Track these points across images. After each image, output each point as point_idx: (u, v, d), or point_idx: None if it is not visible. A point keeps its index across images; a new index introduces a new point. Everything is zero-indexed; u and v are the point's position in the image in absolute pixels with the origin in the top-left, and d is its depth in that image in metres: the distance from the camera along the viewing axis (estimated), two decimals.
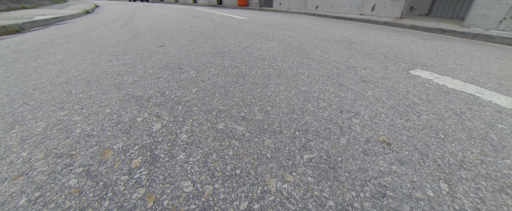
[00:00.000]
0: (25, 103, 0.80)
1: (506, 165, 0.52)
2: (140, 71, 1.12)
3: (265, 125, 0.66)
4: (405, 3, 3.76)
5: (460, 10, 4.03)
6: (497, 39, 2.25)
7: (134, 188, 0.44)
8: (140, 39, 1.95)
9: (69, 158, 0.53)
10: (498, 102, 0.85)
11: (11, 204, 0.41)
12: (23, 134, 0.62)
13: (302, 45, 1.75)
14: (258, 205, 0.41)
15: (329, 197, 0.43)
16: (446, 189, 0.45)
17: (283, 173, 0.48)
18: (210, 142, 0.58)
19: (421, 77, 1.09)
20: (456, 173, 0.49)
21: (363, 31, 2.60)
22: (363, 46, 1.76)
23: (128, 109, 0.75)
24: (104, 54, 1.45)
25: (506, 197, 0.44)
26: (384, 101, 0.82)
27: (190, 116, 0.71)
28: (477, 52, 1.70)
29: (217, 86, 0.95)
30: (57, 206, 0.41)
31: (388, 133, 0.63)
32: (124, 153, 0.54)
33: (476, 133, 0.64)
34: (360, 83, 1.00)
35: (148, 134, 0.61)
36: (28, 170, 0.49)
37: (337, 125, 0.67)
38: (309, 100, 0.82)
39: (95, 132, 0.62)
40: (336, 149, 0.56)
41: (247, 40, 1.93)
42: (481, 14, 2.76)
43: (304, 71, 1.13)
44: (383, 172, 0.49)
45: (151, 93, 0.87)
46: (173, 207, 0.41)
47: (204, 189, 0.44)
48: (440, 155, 0.55)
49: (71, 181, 0.46)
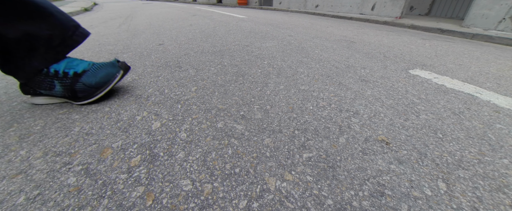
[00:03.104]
0: (23, 101, 0.80)
1: (503, 165, 0.52)
2: (139, 70, 1.12)
3: (264, 124, 0.66)
4: (405, 2, 3.76)
5: (459, 10, 4.03)
6: (496, 40, 2.26)
7: (133, 187, 0.44)
8: (139, 37, 1.94)
9: (68, 156, 0.53)
10: (496, 102, 0.85)
11: (10, 202, 0.41)
12: (22, 133, 0.62)
13: (301, 44, 1.75)
14: (257, 203, 0.41)
15: (328, 196, 0.43)
16: (444, 188, 0.45)
17: (282, 172, 0.48)
18: (210, 140, 0.58)
19: (420, 77, 1.09)
20: (454, 172, 0.50)
21: (362, 31, 2.60)
22: (362, 46, 1.77)
23: (127, 107, 0.75)
24: (103, 53, 1.44)
25: (503, 196, 0.44)
26: (383, 101, 0.83)
27: (190, 114, 0.71)
28: (476, 52, 1.70)
29: (216, 84, 0.94)
30: (56, 205, 0.41)
31: (387, 132, 0.63)
32: (123, 151, 0.54)
33: (474, 133, 0.65)
34: (360, 82, 1.00)
35: (147, 133, 0.61)
36: (26, 169, 0.49)
37: (336, 124, 0.67)
38: (308, 99, 0.82)
39: (94, 131, 0.62)
40: (335, 148, 0.56)
41: (246, 39, 1.92)
42: (480, 14, 2.77)
43: (304, 70, 1.13)
44: (381, 171, 0.49)
45: (150, 92, 0.87)
46: (172, 205, 0.41)
47: (203, 188, 0.44)
48: (438, 154, 0.55)
49: (70, 180, 0.46)
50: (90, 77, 0.75)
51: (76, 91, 0.74)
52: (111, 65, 0.80)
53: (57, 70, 0.72)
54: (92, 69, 0.76)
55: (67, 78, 0.72)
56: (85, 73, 0.75)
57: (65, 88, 0.72)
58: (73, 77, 0.73)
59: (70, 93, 0.73)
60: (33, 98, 0.76)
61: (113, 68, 0.80)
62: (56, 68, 0.72)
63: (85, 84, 0.74)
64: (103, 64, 0.80)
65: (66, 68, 0.74)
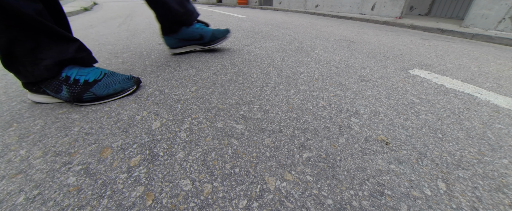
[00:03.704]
0: (23, 101, 0.80)
1: (503, 165, 0.52)
2: (139, 69, 1.12)
3: (264, 124, 0.66)
4: (405, 2, 3.76)
5: (459, 10, 4.03)
6: (496, 40, 2.26)
7: (133, 186, 0.44)
8: (139, 37, 1.94)
9: (68, 156, 0.53)
10: (496, 102, 0.85)
11: (9, 202, 0.41)
12: (21, 132, 0.62)
13: (301, 44, 1.75)
14: (257, 203, 0.41)
15: (327, 196, 0.43)
16: (443, 188, 0.46)
17: (282, 172, 0.48)
18: (209, 140, 0.58)
19: (420, 77, 1.09)
20: (454, 172, 0.50)
21: (362, 30, 2.60)
22: (362, 45, 1.77)
23: (127, 107, 0.75)
24: (102, 52, 1.44)
25: (503, 196, 0.44)
26: (383, 101, 0.83)
27: (189, 114, 0.71)
28: (476, 52, 1.71)
29: (216, 84, 0.94)
30: (56, 204, 0.41)
31: (386, 132, 0.63)
32: (123, 151, 0.54)
33: (474, 133, 0.65)
34: (359, 82, 1.00)
35: (147, 132, 0.61)
36: (26, 168, 0.49)
37: (336, 124, 0.67)
38: (308, 99, 0.82)
39: (93, 130, 0.62)
40: (335, 148, 0.56)
41: (246, 39, 1.92)
42: (480, 15, 2.77)
43: (304, 70, 1.13)
44: (381, 171, 0.49)
45: (150, 91, 0.87)
46: (172, 205, 0.41)
47: (203, 188, 0.44)
48: (438, 154, 0.55)
49: (70, 179, 0.46)
50: (102, 89, 0.76)
51: (82, 99, 0.74)
52: (125, 80, 0.83)
53: (68, 76, 0.72)
54: (105, 80, 0.77)
55: (76, 85, 0.72)
56: (96, 83, 0.75)
57: (71, 95, 0.72)
58: (83, 86, 0.73)
59: (76, 100, 0.73)
60: (33, 95, 0.75)
61: (127, 83, 0.83)
62: (68, 73, 0.73)
63: (96, 94, 0.75)
64: (118, 78, 0.81)
65: (78, 74, 0.74)
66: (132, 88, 0.84)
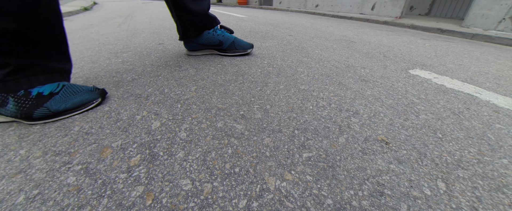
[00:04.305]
0: None
1: (503, 165, 0.52)
2: (139, 69, 1.12)
3: (264, 124, 0.66)
4: (405, 2, 3.76)
5: (459, 10, 4.03)
6: (496, 40, 2.26)
7: (133, 186, 0.44)
8: (139, 36, 1.93)
9: (68, 155, 0.53)
10: (496, 102, 0.85)
11: (9, 201, 0.41)
12: (21, 132, 0.62)
13: (301, 44, 1.75)
14: (257, 203, 0.41)
15: (327, 196, 0.43)
16: (443, 188, 0.46)
17: (282, 172, 0.48)
18: (209, 140, 0.58)
19: (420, 77, 1.09)
20: (454, 172, 0.50)
21: (362, 30, 2.60)
22: (362, 45, 1.76)
23: (127, 106, 0.75)
24: (102, 52, 1.44)
25: (502, 196, 0.44)
26: (383, 100, 0.83)
27: (189, 114, 0.71)
28: (476, 52, 1.71)
29: (216, 84, 0.94)
30: (56, 204, 0.41)
31: (386, 132, 0.63)
32: (123, 151, 0.54)
33: (473, 133, 0.65)
34: (359, 82, 1.00)
35: (147, 132, 0.61)
36: (26, 168, 0.49)
37: (336, 124, 0.67)
38: (308, 99, 0.82)
39: (93, 130, 0.62)
40: (335, 148, 0.56)
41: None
42: (480, 15, 2.77)
43: (304, 70, 1.13)
44: (381, 170, 0.49)
45: (150, 91, 0.87)
46: (172, 205, 0.41)
47: (203, 187, 0.44)
48: (438, 154, 0.55)
49: (70, 179, 0.46)
50: (59, 103, 0.64)
51: (32, 116, 0.61)
52: (87, 92, 0.72)
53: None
54: (63, 93, 0.66)
55: (27, 98, 0.60)
56: (53, 97, 0.63)
57: (20, 110, 0.60)
58: (35, 99, 0.60)
59: (25, 116, 0.61)
60: None
61: (91, 95, 0.72)
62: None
63: (50, 109, 0.63)
64: (78, 89, 0.70)
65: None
66: (97, 100, 0.74)
